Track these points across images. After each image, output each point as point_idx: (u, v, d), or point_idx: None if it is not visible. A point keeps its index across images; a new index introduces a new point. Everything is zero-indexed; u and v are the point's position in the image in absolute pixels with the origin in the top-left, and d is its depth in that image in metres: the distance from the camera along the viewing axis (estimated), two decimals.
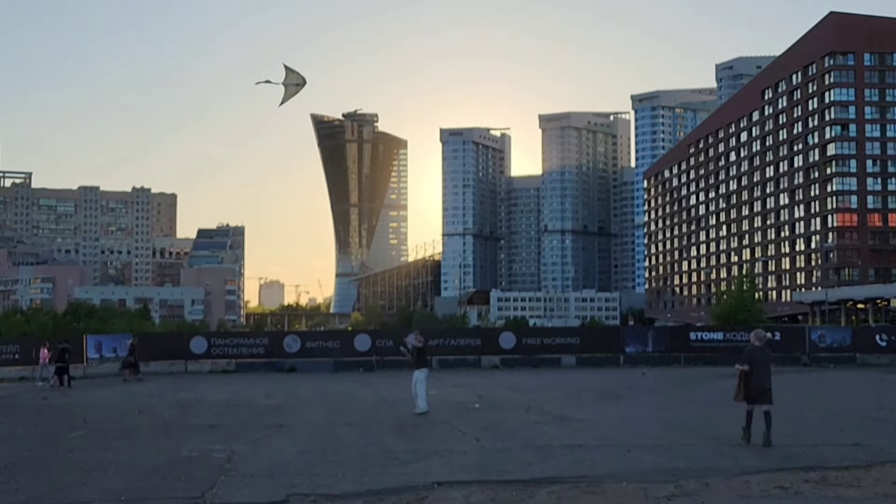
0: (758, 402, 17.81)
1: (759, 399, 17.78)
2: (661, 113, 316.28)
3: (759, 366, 17.89)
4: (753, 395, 17.80)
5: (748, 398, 17.90)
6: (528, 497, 12.73)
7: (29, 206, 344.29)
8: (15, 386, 39.09)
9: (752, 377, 17.78)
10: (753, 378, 17.76)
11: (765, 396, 17.80)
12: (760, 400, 17.78)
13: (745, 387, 17.88)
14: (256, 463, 15.89)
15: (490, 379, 38.65)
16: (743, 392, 17.95)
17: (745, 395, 17.93)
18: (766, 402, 17.78)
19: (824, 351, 49.05)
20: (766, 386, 17.81)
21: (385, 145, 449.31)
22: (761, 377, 17.78)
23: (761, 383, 17.76)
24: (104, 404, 28.95)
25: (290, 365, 46.00)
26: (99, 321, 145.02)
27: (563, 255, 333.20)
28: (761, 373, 17.81)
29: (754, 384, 17.75)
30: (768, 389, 17.84)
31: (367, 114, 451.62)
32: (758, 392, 17.75)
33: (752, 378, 17.77)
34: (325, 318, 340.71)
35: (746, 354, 18.23)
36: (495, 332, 56.20)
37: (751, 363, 17.92)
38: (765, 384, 17.79)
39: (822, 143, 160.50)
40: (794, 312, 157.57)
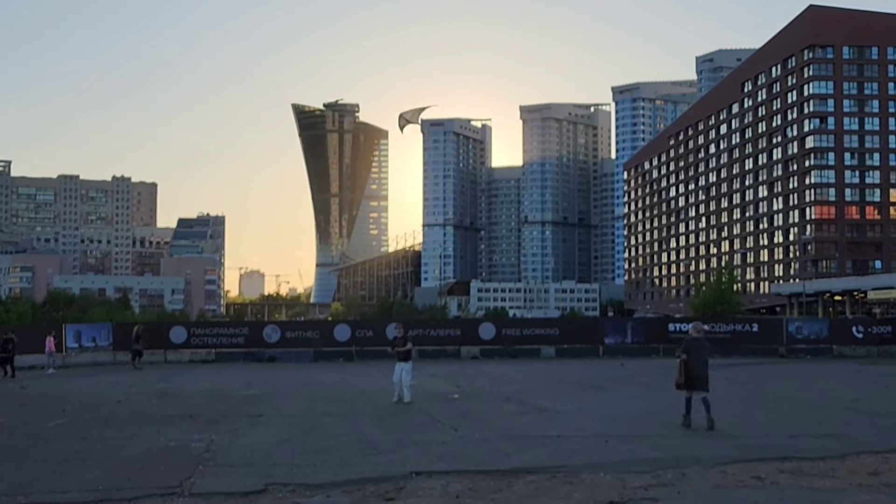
0: (695, 390, 18.90)
1: (696, 386, 18.88)
2: (642, 105, 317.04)
3: (696, 355, 19.00)
4: (690, 382, 18.90)
5: (686, 386, 18.99)
6: (506, 487, 12.77)
7: (8, 195, 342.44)
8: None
9: (689, 366, 18.87)
10: (690, 366, 18.86)
11: (701, 384, 18.90)
12: (697, 387, 18.88)
13: (686, 376, 18.93)
14: (235, 453, 15.89)
15: (470, 369, 38.72)
16: (685, 380, 19.00)
17: (686, 384, 18.99)
18: (703, 389, 18.89)
19: (801, 343, 49.37)
20: (702, 374, 18.94)
21: (366, 135, 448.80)
22: (698, 366, 18.89)
23: (698, 372, 18.87)
24: (83, 394, 28.88)
25: (270, 355, 46.05)
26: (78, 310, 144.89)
27: (544, 247, 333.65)
28: (698, 362, 18.92)
29: (691, 372, 18.86)
30: (705, 377, 18.98)
31: (348, 104, 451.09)
32: (694, 380, 18.87)
33: (689, 366, 18.86)
34: (306, 308, 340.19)
35: (685, 345, 19.30)
36: (475, 323, 56.26)
37: (688, 353, 19.01)
38: (701, 372, 18.91)
39: (801, 135, 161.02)
40: (772, 304, 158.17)
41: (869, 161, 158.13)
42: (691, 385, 18.95)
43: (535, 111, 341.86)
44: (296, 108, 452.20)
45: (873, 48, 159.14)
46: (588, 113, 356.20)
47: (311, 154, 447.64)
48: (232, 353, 46.45)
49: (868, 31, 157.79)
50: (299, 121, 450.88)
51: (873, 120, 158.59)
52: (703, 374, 19.01)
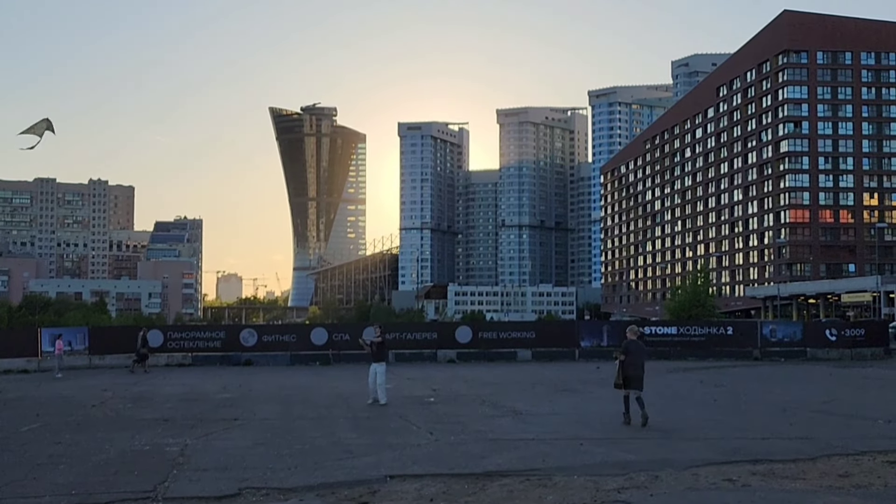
0: (631, 388, 20.03)
1: (632, 385, 20.02)
2: (618, 109, 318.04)
3: (633, 356, 20.14)
4: (627, 381, 20.02)
5: (624, 384, 20.10)
6: (480, 490, 12.85)
7: None
8: None
9: (626, 366, 19.97)
10: (627, 367, 19.97)
11: (636, 383, 20.02)
12: (633, 386, 20.01)
13: (623, 374, 20.03)
14: (209, 457, 15.90)
15: (446, 373, 38.76)
16: (623, 380, 20.10)
17: (622, 382, 20.13)
18: (638, 388, 19.98)
19: (775, 345, 49.55)
20: (637, 374, 20.05)
21: (343, 139, 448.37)
22: (634, 366, 20.02)
23: (634, 371, 20.00)
24: (57, 398, 28.77)
25: (247, 358, 45.96)
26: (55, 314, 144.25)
27: (521, 250, 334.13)
28: (634, 363, 20.07)
29: (628, 371, 19.97)
30: (640, 377, 20.09)
31: (325, 108, 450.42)
32: (630, 379, 19.99)
33: (626, 367, 19.97)
34: (283, 311, 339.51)
35: (623, 347, 20.46)
36: (452, 327, 56.19)
37: (626, 354, 20.16)
38: (637, 372, 20.04)
39: (776, 140, 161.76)
40: (746, 307, 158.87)
41: (843, 165, 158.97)
42: (628, 384, 20.01)
43: (513, 115, 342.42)
44: (273, 111, 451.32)
45: (847, 53, 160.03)
46: (565, 117, 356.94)
47: (288, 157, 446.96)
48: (208, 356, 46.31)
49: (842, 36, 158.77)
50: (277, 124, 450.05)
51: (847, 124, 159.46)
52: (639, 374, 20.09)
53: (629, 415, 20.08)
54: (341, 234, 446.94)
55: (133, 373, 40.53)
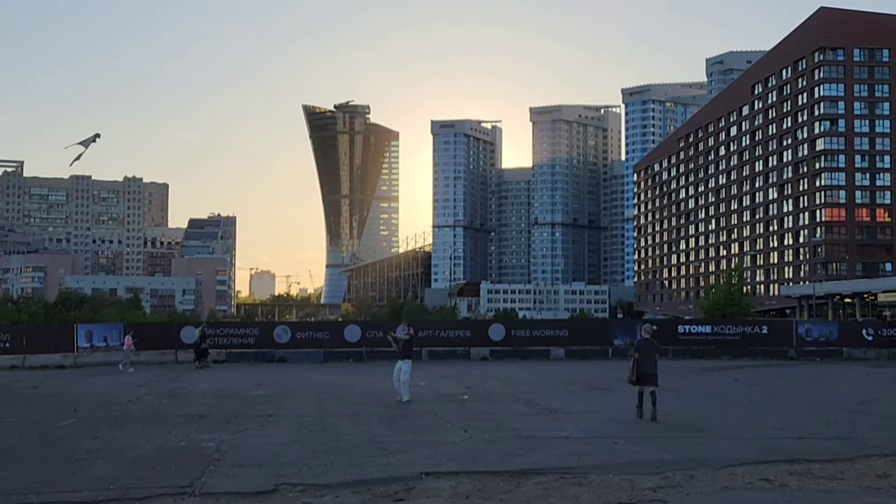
0: (646, 384, 20.86)
1: (646, 381, 20.85)
2: (652, 107, 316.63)
3: (647, 354, 21.04)
4: (641, 378, 20.91)
5: (638, 381, 20.99)
6: (516, 488, 12.84)
7: (21, 195, 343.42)
8: (5, 374, 38.98)
9: (640, 363, 20.86)
10: (641, 364, 20.87)
11: (650, 379, 20.86)
12: (646, 382, 20.84)
13: (636, 371, 20.95)
14: (245, 453, 15.96)
15: (479, 370, 38.70)
16: (637, 376, 21.00)
17: (636, 379, 21.01)
18: (652, 384, 20.79)
19: (811, 345, 49.23)
20: (651, 371, 20.91)
21: (377, 137, 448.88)
22: (647, 364, 20.89)
23: (647, 369, 20.86)
24: (94, 393, 28.93)
25: (280, 355, 46.05)
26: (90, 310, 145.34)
27: (553, 248, 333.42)
28: (647, 360, 20.94)
29: (642, 369, 20.86)
30: (653, 374, 20.95)
31: (359, 105, 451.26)
32: (644, 376, 20.86)
33: (640, 364, 20.87)
34: (316, 308, 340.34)
35: (637, 345, 21.63)
36: (485, 324, 56.13)
37: (640, 352, 21.11)
38: (650, 370, 20.91)
39: (811, 138, 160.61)
40: (781, 306, 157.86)
41: (879, 163, 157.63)
42: (642, 381, 20.89)
43: (546, 113, 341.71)
44: (307, 109, 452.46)
45: (884, 50, 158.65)
46: (598, 115, 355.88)
47: (321, 155, 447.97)
48: (242, 353, 46.40)
49: (879, 33, 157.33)
50: (310, 122, 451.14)
51: (884, 122, 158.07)
52: (653, 371, 20.96)
53: (641, 409, 20.84)
54: (374, 232, 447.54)
55: (207, 366, 40.73)
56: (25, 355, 43.64)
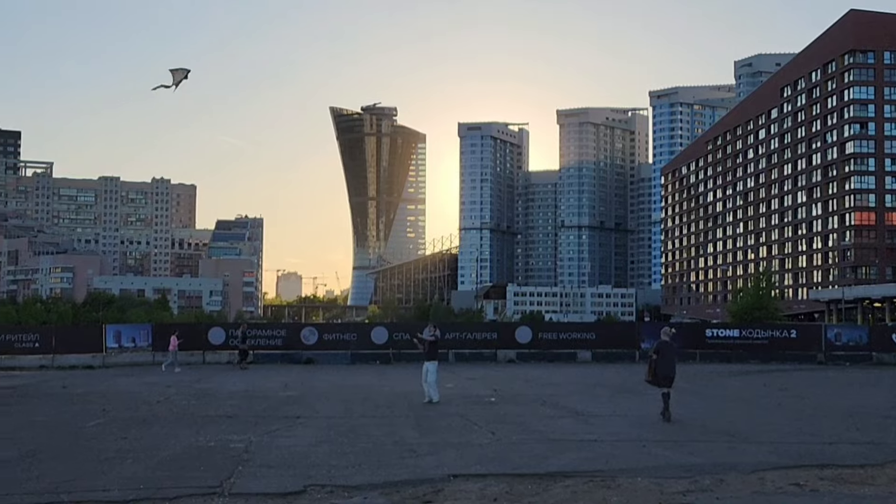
0: (663, 386, 21.23)
1: (664, 384, 21.21)
2: (680, 109, 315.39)
3: (665, 356, 21.45)
4: (659, 380, 21.31)
5: (657, 383, 21.44)
6: (544, 490, 12.82)
7: (50, 196, 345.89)
8: (35, 374, 39.28)
9: (658, 365, 21.29)
10: (660, 366, 21.29)
11: (667, 381, 21.25)
12: (664, 384, 21.20)
13: (654, 373, 21.44)
14: (274, 453, 16.01)
15: (506, 373, 38.71)
16: (652, 376, 21.54)
17: (654, 380, 21.50)
18: (668, 386, 21.22)
19: (840, 349, 48.92)
20: (669, 374, 21.33)
21: (404, 139, 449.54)
22: (666, 366, 21.32)
23: (666, 371, 21.28)
24: (123, 393, 29.10)
25: (308, 357, 46.16)
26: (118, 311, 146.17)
27: (580, 251, 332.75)
28: (666, 362, 21.36)
29: (660, 371, 21.28)
30: (671, 376, 21.36)
31: (386, 107, 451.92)
32: (662, 378, 21.24)
33: (659, 366, 21.29)
34: (343, 310, 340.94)
35: (655, 346, 21.94)
36: (512, 327, 56.11)
37: (658, 353, 21.52)
38: (668, 372, 21.32)
39: (841, 141, 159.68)
40: (810, 310, 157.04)
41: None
42: (659, 381, 21.33)
43: (573, 115, 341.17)
44: (334, 111, 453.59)
45: None
46: (625, 117, 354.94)
47: (348, 157, 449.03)
48: (270, 354, 46.51)
49: None
50: (337, 124, 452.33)
51: None
52: (671, 373, 21.36)
53: (668, 412, 21.05)
54: (401, 234, 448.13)
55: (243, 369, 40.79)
56: (55, 355, 43.93)
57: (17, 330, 54.36)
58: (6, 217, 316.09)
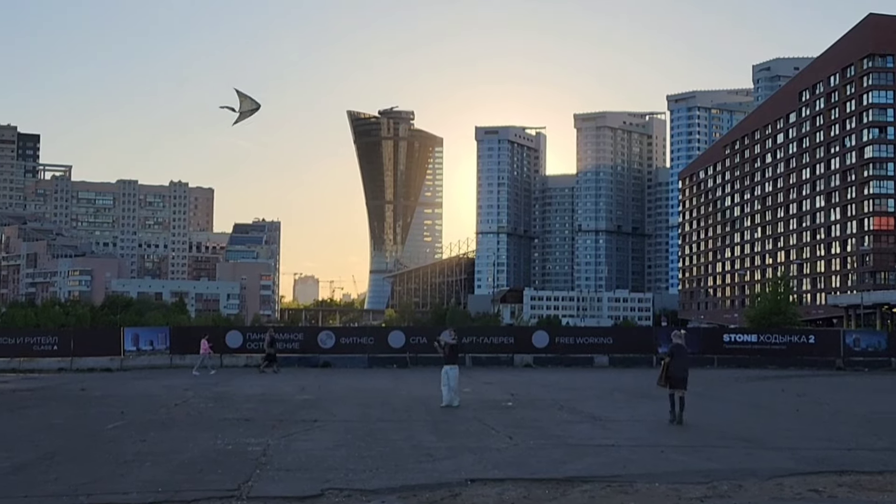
0: (676, 388, 21.57)
1: (677, 385, 21.57)
2: (697, 114, 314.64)
3: (677, 359, 21.85)
4: (672, 382, 21.64)
5: (669, 385, 21.72)
6: (561, 495, 12.82)
7: (68, 199, 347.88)
8: (53, 377, 39.45)
9: (671, 368, 21.63)
10: (672, 368, 21.62)
11: (681, 384, 21.60)
12: (677, 386, 21.55)
13: (667, 375, 21.72)
14: (291, 457, 16.05)
15: (523, 377, 38.68)
16: (665, 379, 21.82)
17: (667, 382, 21.77)
18: (682, 388, 21.57)
19: (859, 355, 48.66)
20: (682, 376, 21.66)
21: (421, 143, 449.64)
22: (678, 368, 21.64)
23: (679, 373, 21.61)
24: (141, 396, 29.20)
25: (325, 360, 46.24)
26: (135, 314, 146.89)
27: (597, 255, 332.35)
28: (678, 365, 21.71)
29: (673, 373, 21.60)
30: (684, 378, 21.70)
31: (403, 111, 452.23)
32: (675, 380, 21.59)
33: (672, 368, 21.63)
34: (359, 314, 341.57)
35: (669, 349, 22.49)
36: (528, 331, 56.17)
37: (672, 356, 21.97)
38: (681, 374, 21.65)
39: (860, 145, 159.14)
40: (828, 316, 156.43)
41: None
42: (673, 384, 21.63)
43: (590, 119, 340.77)
44: (351, 114, 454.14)
45: None
46: (643, 122, 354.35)
47: (365, 161, 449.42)
48: (287, 357, 46.44)
49: None
50: (354, 127, 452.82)
51: None
52: (684, 375, 21.70)
53: (674, 412, 21.47)
54: (418, 238, 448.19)
55: (275, 372, 40.80)
56: (73, 358, 44.13)
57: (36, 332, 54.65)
58: (25, 220, 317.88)
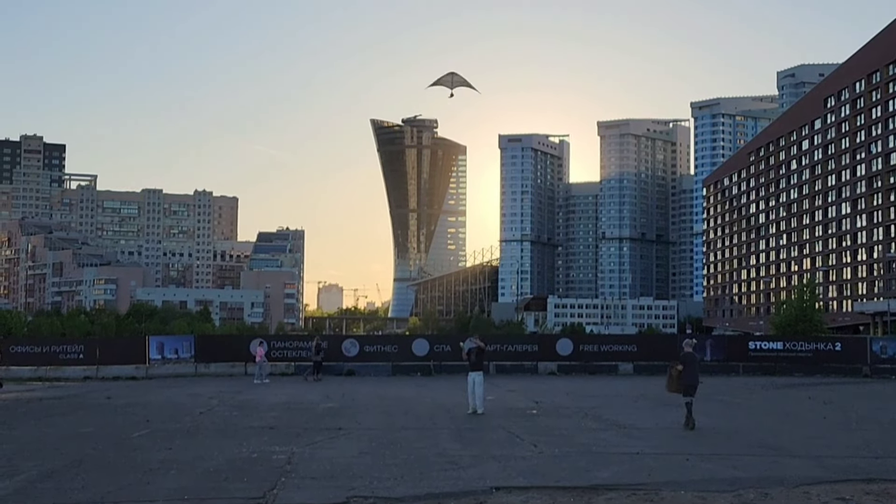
0: (688, 395, 22.26)
1: (689, 392, 22.27)
2: (722, 121, 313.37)
3: (689, 366, 22.53)
4: (686, 389, 22.31)
5: (683, 392, 22.36)
6: (587, 503, 12.78)
7: (94, 209, 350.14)
8: (79, 385, 39.68)
9: (684, 375, 22.35)
10: (685, 376, 22.34)
11: (693, 390, 22.35)
12: (690, 393, 22.27)
13: (682, 382, 22.39)
14: (316, 465, 16.06)
15: (547, 385, 38.66)
16: (678, 387, 22.56)
17: (681, 390, 22.41)
18: (692, 395, 22.30)
19: (886, 362, 48.33)
20: (693, 383, 22.42)
21: (444, 151, 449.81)
22: (691, 376, 22.40)
23: (691, 380, 22.37)
24: (166, 405, 29.34)
25: (349, 368, 46.31)
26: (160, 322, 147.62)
27: (621, 263, 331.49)
28: (691, 372, 22.45)
29: (686, 380, 22.32)
30: (695, 385, 22.48)
31: (426, 119, 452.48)
32: (689, 387, 22.28)
33: (684, 376, 22.34)
34: (383, 322, 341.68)
35: (681, 358, 22.90)
36: (552, 339, 56.09)
37: (684, 364, 22.54)
38: (693, 381, 22.42)
39: (886, 151, 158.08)
40: (855, 323, 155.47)
41: None
42: (686, 391, 22.27)
43: (613, 127, 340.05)
44: (374, 123, 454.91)
45: None
46: (667, 129, 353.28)
47: (389, 169, 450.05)
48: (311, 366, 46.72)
49: None
50: (378, 136, 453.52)
51: None
52: (695, 382, 22.48)
53: (692, 418, 22.04)
54: (441, 246, 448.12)
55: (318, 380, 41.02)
56: (98, 366, 44.41)
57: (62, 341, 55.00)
58: (51, 229, 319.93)
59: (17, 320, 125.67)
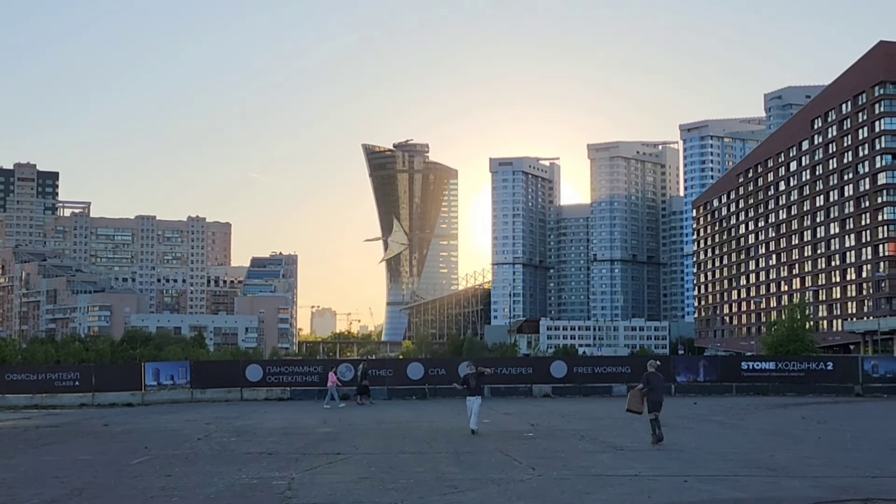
0: (652, 412, 23.57)
1: (655, 409, 23.59)
2: (710, 142, 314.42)
3: (655, 386, 23.93)
4: (651, 406, 23.64)
5: (649, 409, 23.66)
6: None
7: (87, 235, 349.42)
8: (76, 412, 39.67)
9: (650, 394, 23.66)
10: (651, 395, 23.66)
11: (657, 407, 23.67)
12: (654, 409, 23.58)
13: (649, 400, 23.64)
14: (317, 490, 16.17)
15: (542, 407, 38.75)
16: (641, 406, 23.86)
17: (648, 407, 23.66)
18: (657, 411, 23.62)
19: (878, 381, 48.55)
20: (658, 399, 23.81)
21: (436, 175, 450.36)
22: (657, 394, 23.81)
23: (655, 398, 23.71)
24: (163, 431, 29.40)
25: (344, 393, 46.28)
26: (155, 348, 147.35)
27: (613, 284, 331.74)
28: (656, 391, 23.88)
29: (652, 398, 23.64)
30: (660, 402, 23.89)
31: (418, 144, 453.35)
32: (654, 404, 23.63)
33: (650, 395, 23.66)
34: (377, 346, 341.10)
35: (645, 378, 24.16)
36: (546, 361, 56.14)
37: (648, 384, 23.84)
38: (658, 398, 23.80)
39: (873, 172, 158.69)
40: (845, 342, 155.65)
41: None
42: (653, 407, 23.58)
43: (603, 149, 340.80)
44: (366, 148, 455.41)
45: None
46: (656, 151, 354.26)
47: (381, 194, 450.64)
48: (306, 391, 46.74)
49: None
50: (370, 161, 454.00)
51: None
52: (660, 399, 23.92)
53: (658, 433, 23.40)
54: (434, 270, 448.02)
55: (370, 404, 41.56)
56: (94, 393, 44.39)
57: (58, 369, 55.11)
58: (45, 257, 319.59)
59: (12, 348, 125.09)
